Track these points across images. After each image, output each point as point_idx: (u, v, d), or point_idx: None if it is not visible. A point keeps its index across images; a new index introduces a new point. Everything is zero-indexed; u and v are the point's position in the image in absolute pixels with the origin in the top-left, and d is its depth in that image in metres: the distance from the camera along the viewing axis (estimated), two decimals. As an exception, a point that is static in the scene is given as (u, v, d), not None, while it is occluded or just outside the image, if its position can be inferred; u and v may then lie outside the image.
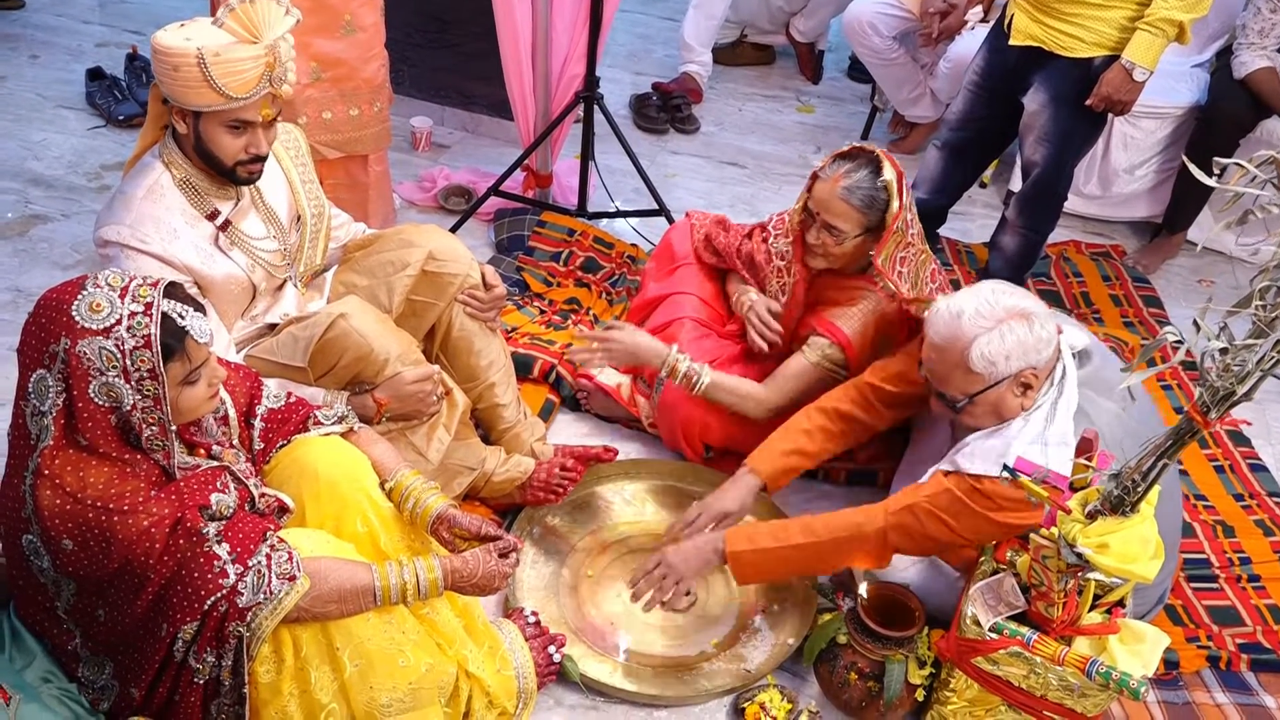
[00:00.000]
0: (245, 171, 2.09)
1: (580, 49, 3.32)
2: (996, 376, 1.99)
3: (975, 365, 1.98)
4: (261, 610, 1.66)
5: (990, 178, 4.13)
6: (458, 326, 2.48)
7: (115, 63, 4.23)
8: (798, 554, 2.16)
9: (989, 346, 1.97)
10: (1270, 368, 1.42)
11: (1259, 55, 3.41)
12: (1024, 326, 1.98)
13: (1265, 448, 2.96)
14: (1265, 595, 2.48)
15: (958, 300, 2.03)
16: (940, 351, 2.04)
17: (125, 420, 1.61)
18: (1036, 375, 2.01)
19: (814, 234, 2.43)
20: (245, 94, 1.97)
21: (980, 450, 2.03)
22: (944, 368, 2.04)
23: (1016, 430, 2.02)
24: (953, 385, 2.05)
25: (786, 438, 2.39)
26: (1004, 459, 1.96)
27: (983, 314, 1.99)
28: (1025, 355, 1.98)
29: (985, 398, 2.02)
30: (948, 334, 2.02)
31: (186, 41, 1.92)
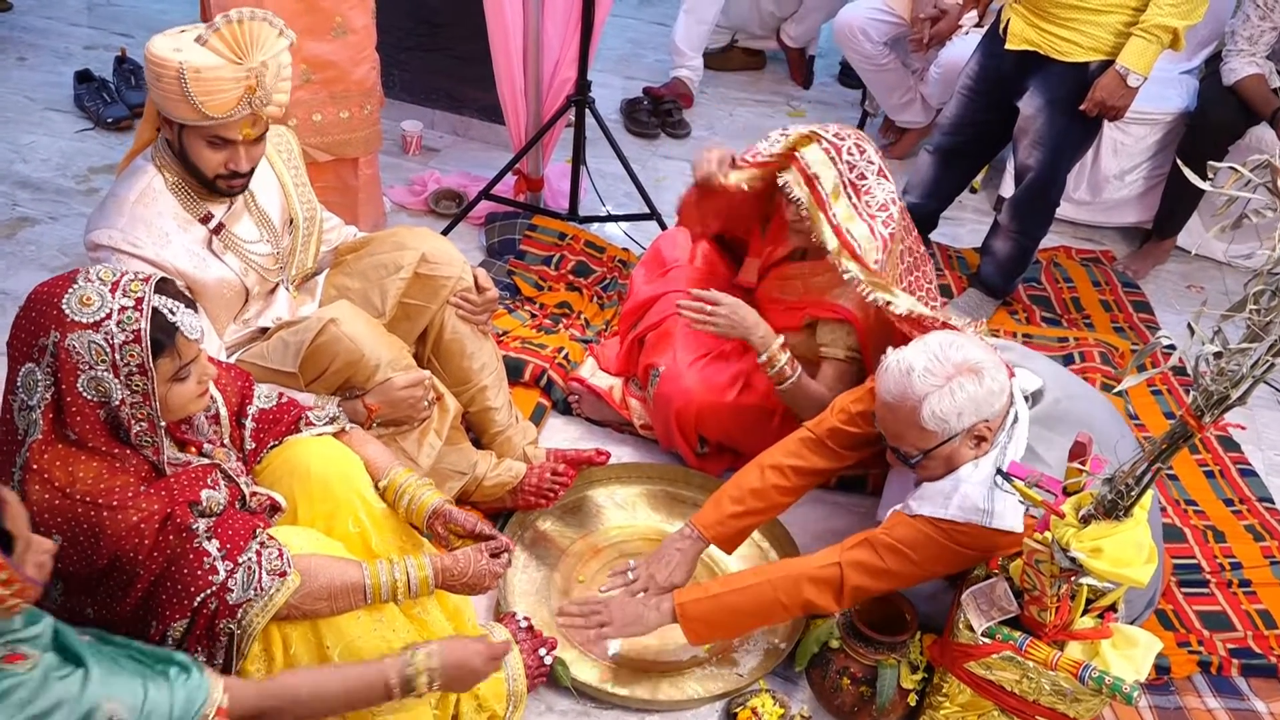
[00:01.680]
0: (225, 185, 2.08)
1: (571, 53, 3.32)
2: (949, 433, 1.96)
3: (927, 424, 1.95)
4: (252, 607, 1.64)
5: (981, 183, 4.14)
6: (450, 330, 2.47)
7: (104, 65, 4.21)
8: (749, 596, 2.08)
9: (940, 404, 1.93)
10: (1264, 372, 1.42)
11: (1248, 62, 3.42)
12: (974, 382, 1.94)
13: (1255, 453, 2.97)
14: (1256, 600, 2.48)
15: (907, 356, 1.99)
16: (892, 410, 2.00)
17: (114, 415, 1.60)
18: (990, 427, 1.99)
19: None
20: (223, 114, 1.95)
21: (930, 492, 2.02)
22: (897, 425, 2.01)
23: (967, 473, 1.99)
24: (906, 442, 2.01)
25: (735, 499, 2.28)
26: (949, 500, 1.96)
27: (932, 371, 1.95)
28: (977, 410, 1.95)
29: (939, 453, 2.00)
30: (898, 392, 1.98)
31: (175, 53, 1.90)
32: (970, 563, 2.00)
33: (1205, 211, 3.72)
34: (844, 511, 2.65)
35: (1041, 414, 2.07)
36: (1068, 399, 2.12)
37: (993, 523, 1.92)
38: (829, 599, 2.04)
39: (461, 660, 1.71)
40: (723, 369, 2.64)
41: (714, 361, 2.65)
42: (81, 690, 1.32)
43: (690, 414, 2.60)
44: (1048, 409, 2.08)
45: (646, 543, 2.52)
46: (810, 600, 2.04)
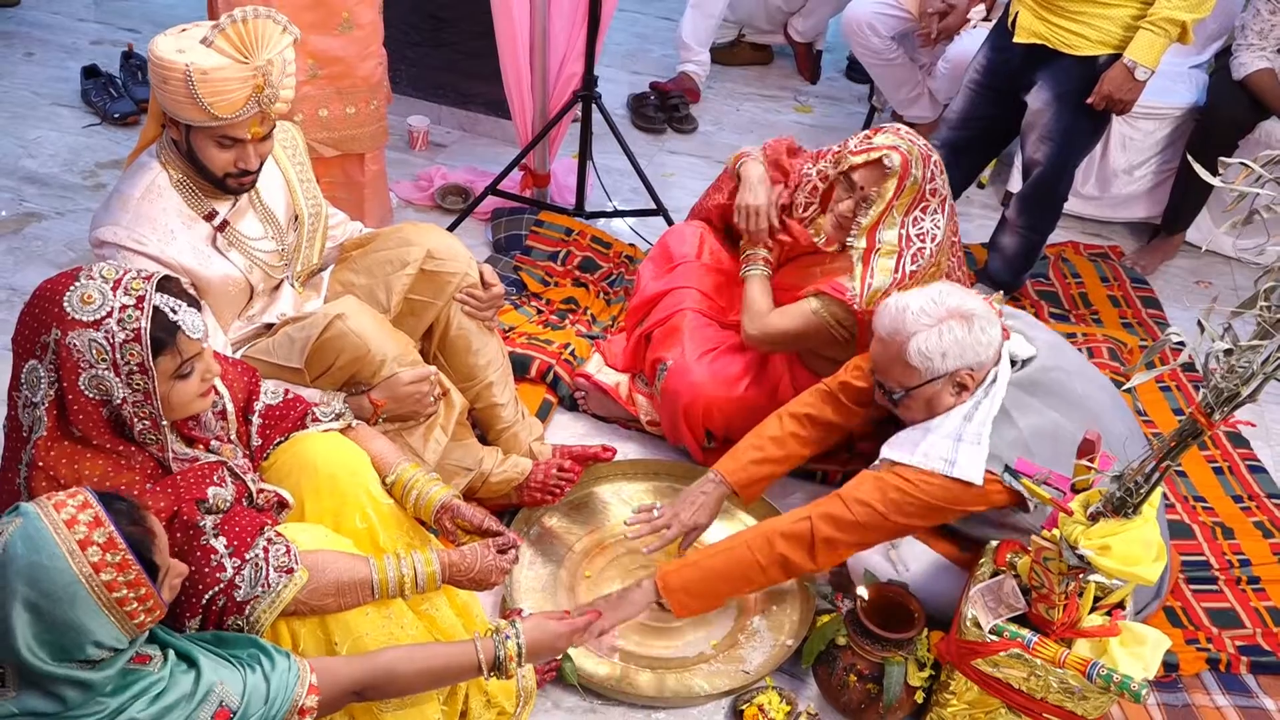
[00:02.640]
0: (235, 183, 2.08)
1: (578, 48, 3.31)
2: (933, 373, 2.04)
3: (912, 360, 2.04)
4: (260, 603, 1.65)
5: (988, 178, 4.12)
6: (456, 325, 2.47)
7: (111, 60, 4.22)
8: (726, 559, 2.13)
9: (926, 343, 2.02)
10: (1275, 369, 1.41)
11: (1258, 56, 3.40)
12: (963, 328, 2.03)
13: (1264, 449, 2.95)
14: (1265, 597, 2.47)
15: (906, 296, 2.10)
16: (883, 344, 2.10)
17: (117, 413, 1.61)
18: (973, 376, 2.07)
19: (849, 205, 2.43)
20: (231, 114, 1.95)
21: (901, 439, 2.10)
22: (885, 359, 2.10)
23: (936, 424, 2.07)
24: (892, 377, 2.10)
25: (755, 445, 2.37)
26: (917, 448, 2.04)
27: (926, 311, 2.04)
28: (962, 355, 2.03)
29: (921, 393, 2.08)
30: (890, 327, 2.07)
31: (178, 55, 1.90)
32: (935, 517, 2.05)
33: (1214, 207, 3.70)
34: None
35: (1024, 378, 2.10)
36: (1058, 370, 2.15)
37: (953, 472, 1.99)
38: (802, 554, 2.09)
39: (547, 642, 1.82)
40: (731, 363, 2.64)
41: (722, 355, 2.65)
42: (196, 681, 1.46)
43: (698, 408, 2.59)
44: (1031, 374, 2.11)
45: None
46: (784, 556, 2.09)
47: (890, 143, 2.35)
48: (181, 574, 1.51)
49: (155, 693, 1.42)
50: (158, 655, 1.48)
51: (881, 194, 2.36)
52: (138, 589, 1.36)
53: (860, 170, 2.38)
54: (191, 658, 1.50)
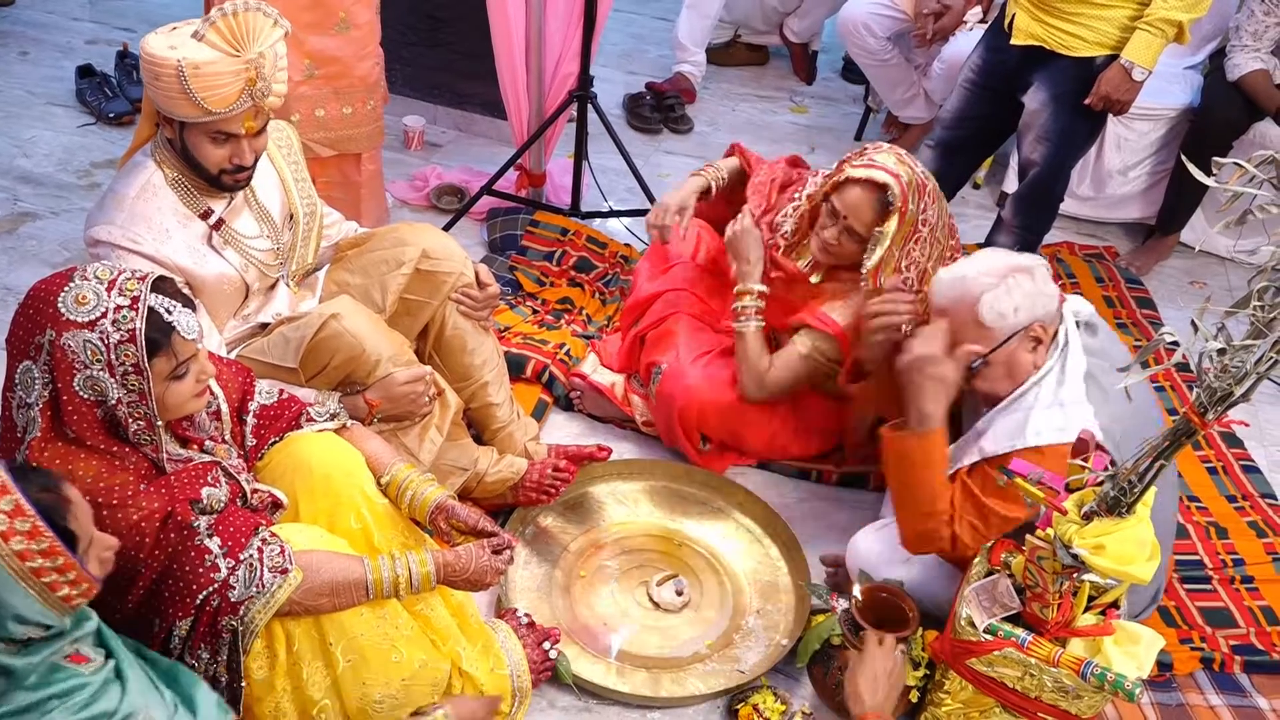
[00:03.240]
0: (230, 180, 2.08)
1: (574, 48, 3.31)
2: (1008, 330, 2.02)
3: (986, 318, 2.01)
4: (254, 604, 1.65)
5: (984, 179, 4.13)
6: (451, 325, 2.47)
7: (106, 60, 4.20)
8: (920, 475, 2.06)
9: (998, 300, 2.01)
10: (1268, 369, 1.41)
11: (1252, 57, 3.41)
12: (1027, 279, 2.03)
13: (1258, 449, 2.96)
14: (1258, 597, 2.48)
15: (958, 266, 2.08)
16: (949, 314, 2.07)
17: (111, 414, 1.60)
18: (1045, 329, 2.05)
19: (834, 233, 2.42)
20: (224, 108, 1.95)
21: (1002, 428, 2.06)
22: (957, 331, 2.06)
23: (1032, 399, 2.04)
24: None
25: None
26: (1025, 429, 1.99)
27: (986, 272, 2.03)
28: (1033, 308, 2.02)
29: (999, 355, 2.05)
30: (954, 295, 2.06)
31: (170, 51, 1.90)
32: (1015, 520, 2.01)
33: (1209, 207, 3.71)
34: (846, 507, 2.64)
35: (1097, 347, 2.09)
36: (1113, 343, 2.15)
37: (1070, 438, 1.93)
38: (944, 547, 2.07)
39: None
40: (725, 367, 2.64)
41: (716, 359, 2.65)
42: (121, 699, 1.40)
43: (693, 412, 2.59)
44: (1101, 344, 2.10)
45: (648, 539, 2.52)
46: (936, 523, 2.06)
47: (891, 167, 2.32)
48: (111, 546, 1.44)
49: (81, 700, 1.36)
50: (98, 659, 1.42)
51: (885, 233, 2.34)
52: (54, 559, 1.30)
53: (852, 188, 2.35)
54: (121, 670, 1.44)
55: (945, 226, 2.48)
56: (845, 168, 2.39)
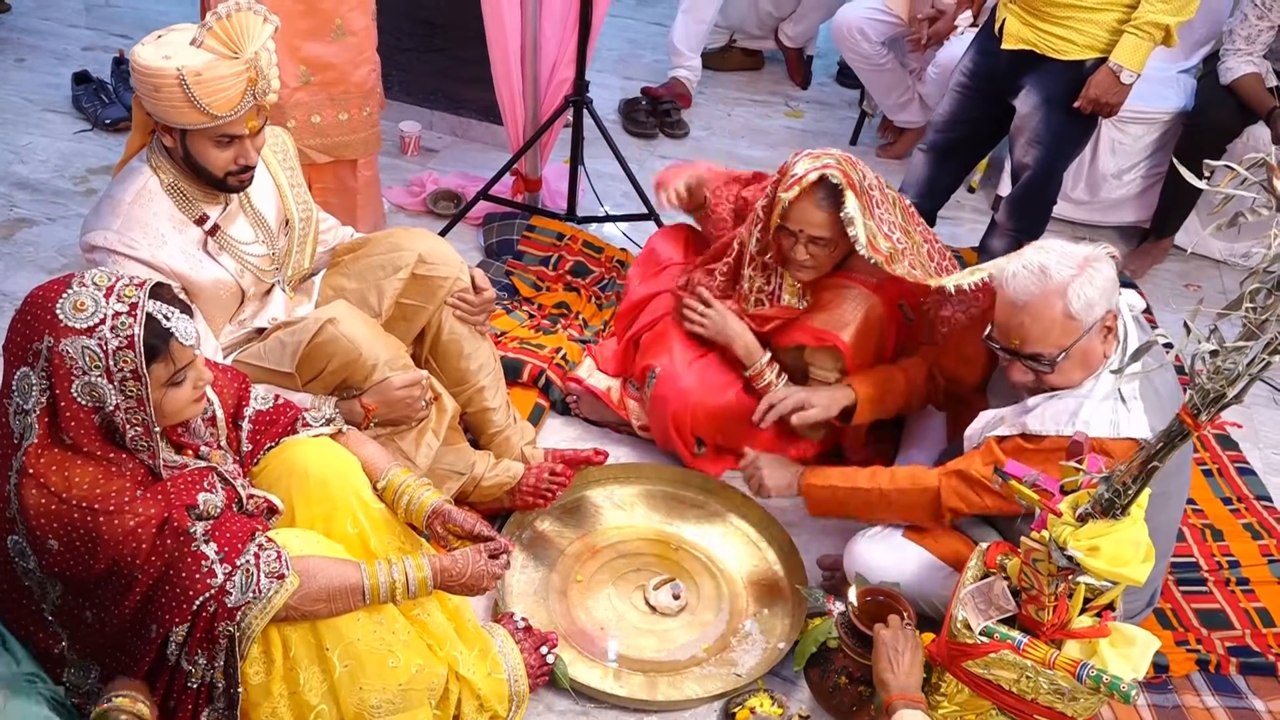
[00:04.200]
0: (236, 181, 2.09)
1: (569, 53, 3.32)
2: (1091, 320, 1.98)
3: (1075, 311, 1.97)
4: (251, 609, 1.65)
5: (979, 182, 4.14)
6: (447, 330, 2.47)
7: (102, 66, 4.21)
8: (864, 496, 2.25)
9: (1085, 289, 1.96)
10: (1260, 370, 1.42)
11: (1245, 61, 3.42)
12: (1106, 266, 2.00)
13: (1253, 451, 2.97)
14: (1254, 599, 2.48)
15: (1030, 258, 2.01)
16: (1030, 310, 2.00)
17: (109, 420, 1.60)
18: (1116, 317, 2.04)
19: (802, 250, 2.42)
20: (229, 111, 1.96)
21: (1051, 410, 2.03)
22: (1038, 325, 2.00)
23: (1088, 389, 2.02)
24: (1049, 341, 2.00)
25: (885, 369, 2.49)
26: (1076, 416, 1.98)
27: (1064, 263, 1.98)
28: (1108, 297, 2.00)
29: (1078, 348, 2.01)
30: (1037, 289, 1.99)
31: (165, 61, 1.90)
32: None
33: (1203, 210, 3.72)
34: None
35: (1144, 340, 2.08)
36: None
37: (1120, 433, 1.94)
38: (930, 519, 2.20)
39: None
40: (720, 369, 2.64)
41: (710, 362, 2.65)
42: None
43: (687, 415, 2.60)
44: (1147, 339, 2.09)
45: (645, 543, 2.52)
46: (914, 509, 2.20)
47: (811, 164, 2.32)
48: None
49: None
50: None
51: (849, 213, 2.29)
52: None
53: (793, 206, 2.34)
54: None
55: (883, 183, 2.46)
56: (777, 194, 2.38)
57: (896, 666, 1.91)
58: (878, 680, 1.92)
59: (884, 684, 1.91)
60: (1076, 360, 2.02)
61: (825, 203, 2.33)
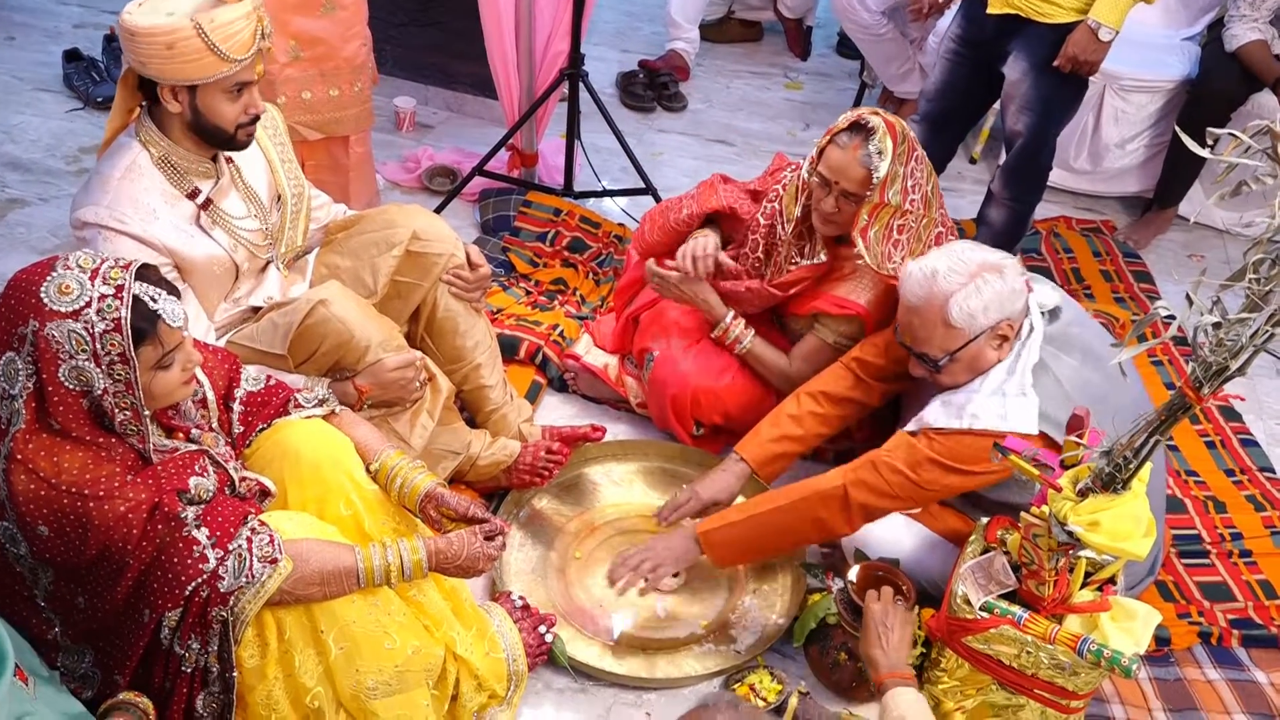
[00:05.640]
0: (245, 134, 2.08)
1: (564, 26, 3.28)
2: (975, 330, 2.03)
3: (955, 320, 2.02)
4: (244, 594, 1.64)
5: (980, 154, 4.10)
6: (442, 307, 2.45)
7: (93, 44, 4.17)
8: (765, 523, 2.19)
9: (967, 301, 2.01)
10: (1264, 342, 1.40)
11: (1250, 28, 3.38)
12: (997, 278, 2.03)
13: (1256, 423, 2.95)
14: (1256, 570, 2.47)
15: (929, 260, 2.07)
16: (918, 313, 2.07)
17: (97, 404, 1.58)
18: (1012, 326, 2.06)
19: (831, 202, 2.38)
20: (245, 54, 1.96)
21: (941, 405, 2.09)
22: (924, 328, 2.07)
23: (978, 384, 2.07)
24: (933, 344, 2.08)
25: (774, 425, 2.40)
26: (964, 410, 2.03)
27: (956, 270, 2.03)
28: (1001, 307, 2.02)
29: (965, 353, 2.06)
30: (924, 294, 2.05)
31: (171, 17, 1.89)
32: (975, 481, 2.06)
33: (1206, 180, 3.68)
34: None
35: (1054, 333, 2.11)
36: (1080, 327, 2.16)
37: (1006, 427, 1.98)
38: (840, 521, 2.13)
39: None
40: (717, 353, 2.62)
41: (708, 345, 2.62)
42: None
43: (686, 399, 2.58)
44: (1061, 329, 2.12)
45: (643, 519, 2.51)
46: (821, 525, 2.15)
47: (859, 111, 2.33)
48: None
49: None
50: None
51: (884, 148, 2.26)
52: None
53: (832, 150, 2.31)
54: None
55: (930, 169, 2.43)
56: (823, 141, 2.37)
57: (886, 643, 1.89)
58: (866, 657, 1.90)
59: (873, 661, 1.88)
60: (964, 364, 2.08)
61: (863, 159, 2.28)
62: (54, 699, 1.56)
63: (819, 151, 2.38)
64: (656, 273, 2.58)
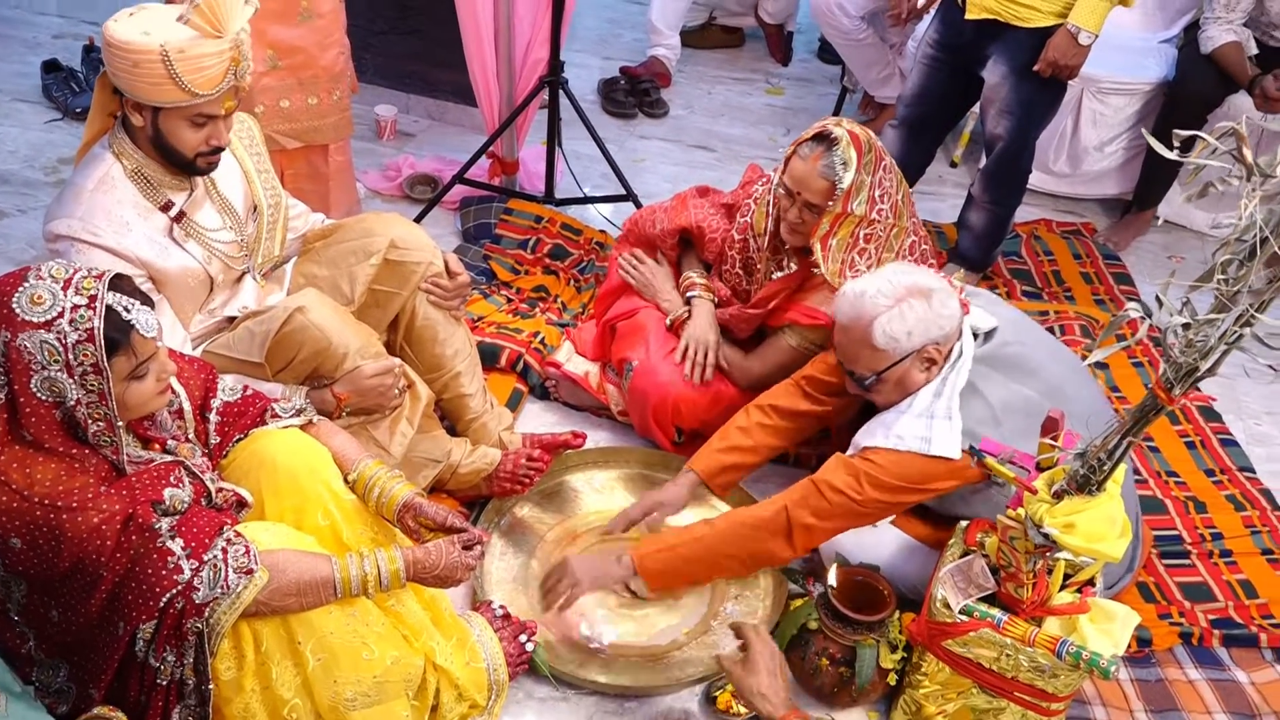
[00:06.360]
0: (205, 162, 2.06)
1: (543, 33, 3.28)
2: (900, 353, 2.05)
3: (879, 342, 2.04)
4: (219, 605, 1.63)
5: (961, 157, 4.11)
6: (421, 316, 2.44)
7: (72, 55, 4.15)
8: (702, 546, 2.16)
9: (890, 324, 2.03)
10: (1233, 342, 1.40)
11: (1225, 30, 3.40)
12: (923, 304, 2.04)
13: (1236, 423, 2.96)
14: (1237, 570, 2.48)
15: (861, 281, 2.10)
16: (846, 332, 2.10)
17: (70, 416, 1.58)
18: (940, 350, 2.08)
19: (795, 213, 2.40)
20: (211, 90, 1.93)
21: (871, 427, 2.12)
22: (852, 347, 2.10)
23: (906, 404, 2.09)
24: (861, 363, 2.10)
25: (723, 437, 2.41)
26: (890, 430, 2.05)
27: (884, 293, 2.05)
28: (927, 331, 2.04)
29: (891, 374, 2.08)
30: (852, 314, 2.07)
31: (146, 36, 1.87)
32: (912, 497, 2.07)
33: (1184, 181, 3.70)
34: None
35: (987, 353, 2.12)
36: (1019, 345, 2.16)
37: (930, 450, 2.01)
38: (781, 543, 2.12)
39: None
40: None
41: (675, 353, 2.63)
42: None
43: (667, 408, 2.58)
44: (994, 349, 2.13)
45: (625, 527, 2.50)
46: (760, 548, 2.13)
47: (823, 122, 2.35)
48: None
49: None
50: None
51: (848, 159, 2.29)
52: None
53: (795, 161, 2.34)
54: None
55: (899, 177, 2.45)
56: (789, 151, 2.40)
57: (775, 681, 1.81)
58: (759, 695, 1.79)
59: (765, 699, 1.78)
60: (891, 384, 2.10)
61: (825, 171, 2.31)
62: (27, 715, 1.55)
63: (785, 162, 2.39)
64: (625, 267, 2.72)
